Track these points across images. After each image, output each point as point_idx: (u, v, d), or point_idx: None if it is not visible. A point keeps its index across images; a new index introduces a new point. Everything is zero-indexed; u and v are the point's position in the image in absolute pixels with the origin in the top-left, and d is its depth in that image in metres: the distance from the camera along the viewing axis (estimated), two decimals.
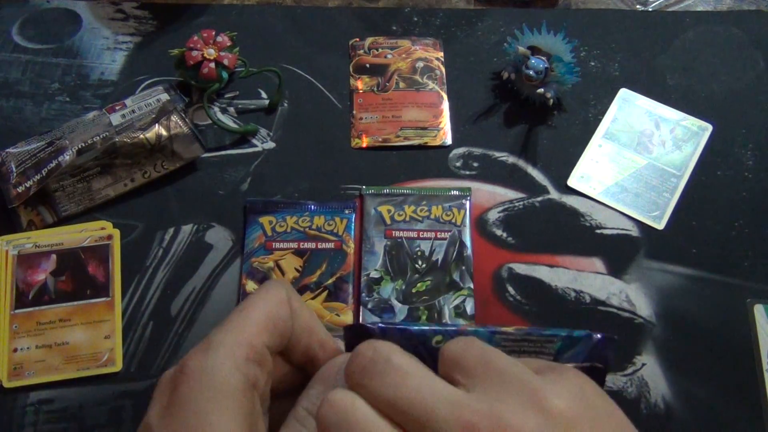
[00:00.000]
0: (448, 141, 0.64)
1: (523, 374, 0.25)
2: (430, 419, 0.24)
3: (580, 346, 0.29)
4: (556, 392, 0.25)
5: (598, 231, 0.60)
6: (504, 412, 0.24)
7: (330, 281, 0.57)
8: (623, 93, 0.66)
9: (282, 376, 0.33)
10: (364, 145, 0.64)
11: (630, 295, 0.57)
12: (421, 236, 0.58)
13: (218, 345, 0.28)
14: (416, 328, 0.29)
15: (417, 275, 0.57)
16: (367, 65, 0.68)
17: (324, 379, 0.31)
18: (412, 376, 0.26)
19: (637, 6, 0.72)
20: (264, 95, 0.66)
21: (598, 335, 0.29)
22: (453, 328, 0.29)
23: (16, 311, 0.55)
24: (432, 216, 0.59)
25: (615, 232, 0.60)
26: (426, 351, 0.29)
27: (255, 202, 0.60)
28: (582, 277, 0.57)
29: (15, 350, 0.54)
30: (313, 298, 0.56)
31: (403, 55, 0.68)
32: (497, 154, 0.63)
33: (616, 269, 0.58)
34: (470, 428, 0.23)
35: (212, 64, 0.63)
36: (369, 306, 0.56)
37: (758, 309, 0.55)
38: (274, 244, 0.58)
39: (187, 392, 0.27)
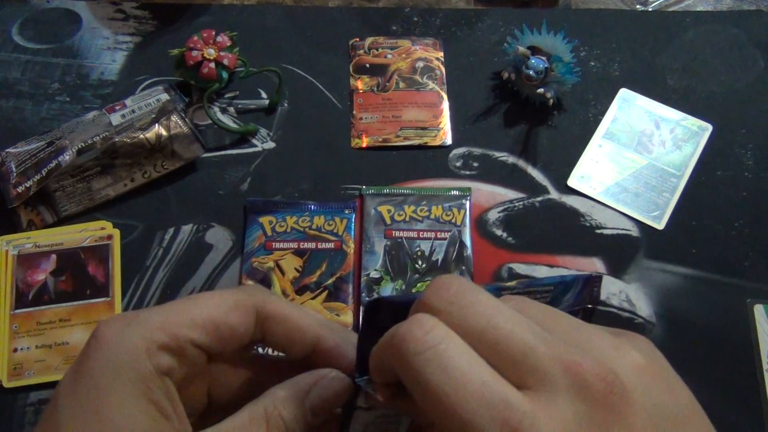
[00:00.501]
0: (448, 141, 0.64)
1: (597, 329, 0.25)
2: (527, 354, 0.23)
3: (573, 289, 0.30)
4: (635, 346, 0.25)
5: (598, 231, 0.60)
6: (600, 351, 0.23)
7: (330, 281, 0.57)
8: (623, 93, 0.66)
9: (237, 385, 0.32)
10: (364, 145, 0.64)
11: (630, 295, 0.57)
12: (421, 236, 0.58)
13: (139, 323, 0.28)
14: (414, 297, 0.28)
15: (417, 275, 0.57)
16: (367, 65, 0.68)
17: (297, 384, 0.30)
18: (503, 311, 0.24)
19: (637, 6, 0.72)
20: (264, 95, 0.66)
21: (585, 275, 0.31)
22: None
23: (16, 311, 0.55)
24: (432, 216, 0.59)
25: (615, 232, 0.60)
26: None
27: (255, 202, 0.60)
28: None
29: (15, 350, 0.54)
30: (313, 298, 0.56)
31: (403, 55, 0.68)
32: (497, 154, 0.63)
33: (616, 269, 0.58)
34: (574, 366, 0.22)
35: (212, 64, 0.63)
36: None
37: (758, 309, 0.55)
38: (274, 244, 0.58)
39: (95, 364, 0.27)
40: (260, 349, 0.44)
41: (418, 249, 0.58)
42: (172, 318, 0.28)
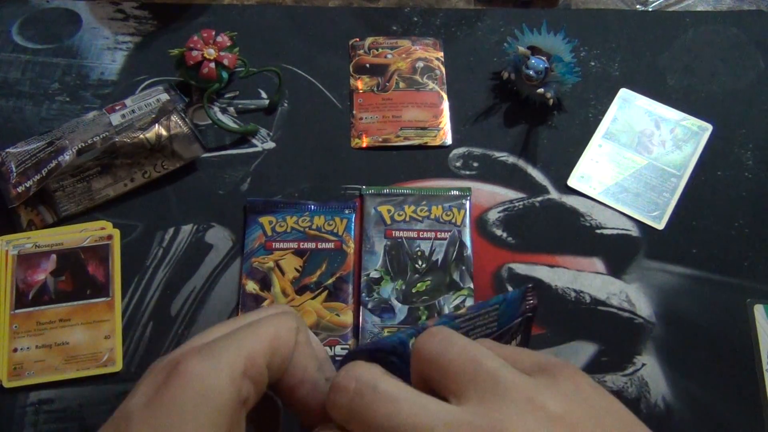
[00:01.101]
0: (448, 141, 0.64)
1: (516, 379, 0.24)
2: None
3: (514, 304, 0.32)
4: (552, 395, 0.24)
5: (598, 231, 0.60)
6: (504, 424, 0.23)
7: (330, 281, 0.57)
8: (623, 93, 0.66)
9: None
10: (364, 145, 0.64)
11: (630, 295, 0.57)
12: (421, 236, 0.58)
13: (220, 352, 0.27)
14: (387, 341, 0.29)
15: (417, 275, 0.57)
16: (367, 65, 0.68)
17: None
18: (403, 401, 0.24)
19: (637, 6, 0.72)
20: (264, 95, 0.66)
21: (521, 289, 0.33)
22: (421, 327, 0.29)
23: (16, 311, 0.55)
24: (432, 216, 0.59)
25: (615, 232, 0.60)
26: (401, 361, 0.29)
27: (255, 202, 0.60)
28: (582, 277, 0.57)
29: (15, 350, 0.53)
30: (313, 298, 0.56)
31: (403, 55, 0.68)
32: (497, 154, 0.63)
33: (616, 269, 0.58)
34: None
35: (212, 64, 0.63)
36: (369, 306, 0.56)
37: (758, 309, 0.55)
38: (274, 244, 0.58)
39: (177, 392, 0.26)
40: None
41: (418, 249, 0.58)
42: (247, 343, 0.28)
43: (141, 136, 0.59)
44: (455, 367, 0.25)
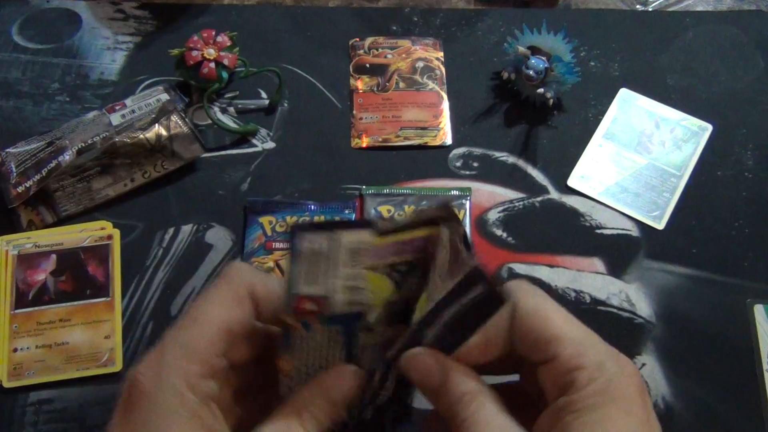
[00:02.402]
0: (448, 141, 0.64)
1: None
2: None
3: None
4: None
5: (598, 231, 0.60)
6: None
7: None
8: (623, 93, 0.66)
9: (252, 373, 0.33)
10: (364, 145, 0.64)
11: (630, 295, 0.57)
12: None
13: (170, 363, 0.28)
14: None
15: None
16: (367, 65, 0.68)
17: (321, 385, 0.31)
18: None
19: (637, 6, 0.72)
20: (264, 95, 0.66)
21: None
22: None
23: (16, 311, 0.55)
24: None
25: (615, 232, 0.60)
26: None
27: (255, 202, 0.60)
28: (582, 277, 0.57)
29: (15, 350, 0.53)
30: None
31: (403, 55, 0.68)
32: (497, 154, 0.63)
33: (616, 269, 0.58)
34: None
35: (212, 64, 0.63)
36: None
37: (758, 309, 0.55)
38: (274, 244, 0.58)
39: (142, 411, 0.27)
40: None
41: None
42: (195, 344, 0.29)
43: (141, 136, 0.59)
44: None
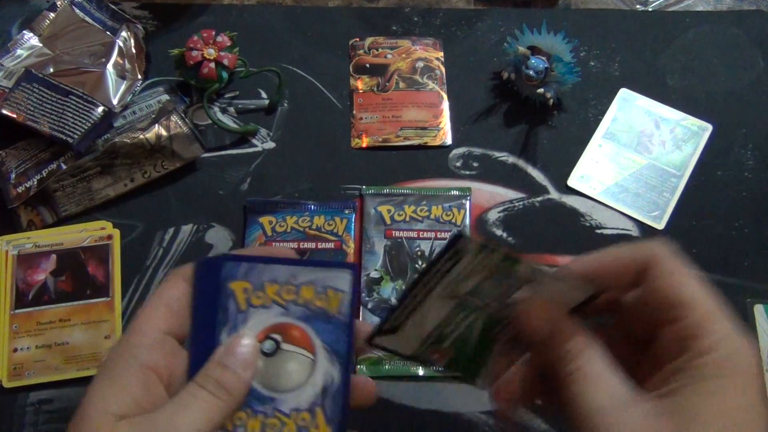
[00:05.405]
0: (448, 141, 0.64)
1: None
2: None
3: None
4: None
5: (598, 231, 0.60)
6: None
7: None
8: (623, 93, 0.66)
9: None
10: (364, 145, 0.64)
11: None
12: (421, 236, 0.58)
13: (117, 383, 0.33)
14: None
15: (417, 275, 0.57)
16: (367, 65, 0.68)
17: (220, 362, 0.33)
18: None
19: (637, 6, 0.72)
20: (264, 95, 0.66)
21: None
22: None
23: (16, 311, 0.55)
24: (432, 216, 0.59)
25: (615, 232, 0.60)
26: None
27: (255, 202, 0.60)
28: None
29: (15, 350, 0.54)
30: None
31: (403, 55, 0.68)
32: (497, 154, 0.63)
33: None
34: None
35: (212, 64, 0.63)
36: (369, 306, 0.56)
37: (758, 309, 0.55)
38: (274, 244, 0.58)
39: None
40: None
41: (418, 249, 0.58)
42: (143, 355, 0.33)
43: (141, 136, 0.59)
44: None
